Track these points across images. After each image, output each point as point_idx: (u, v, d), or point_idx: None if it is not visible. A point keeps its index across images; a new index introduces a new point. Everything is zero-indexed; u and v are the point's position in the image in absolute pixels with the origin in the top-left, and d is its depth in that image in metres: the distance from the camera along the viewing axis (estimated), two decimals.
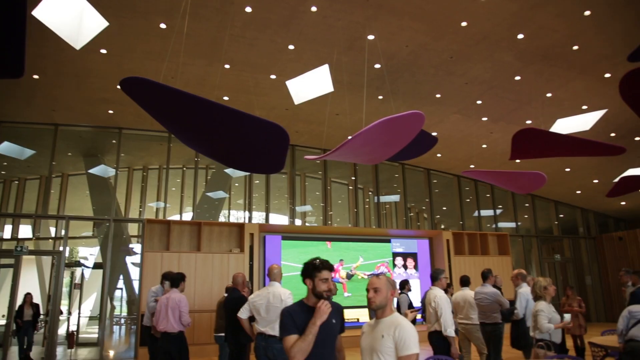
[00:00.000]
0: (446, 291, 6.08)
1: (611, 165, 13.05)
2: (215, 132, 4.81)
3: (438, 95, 9.99)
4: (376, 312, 2.79)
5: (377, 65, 8.70)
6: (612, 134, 11.29)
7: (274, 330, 4.78)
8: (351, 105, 10.03)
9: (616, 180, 10.19)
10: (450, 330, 5.33)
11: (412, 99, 10.10)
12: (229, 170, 12.37)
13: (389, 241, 13.41)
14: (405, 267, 13.28)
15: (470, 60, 8.71)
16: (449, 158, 13.76)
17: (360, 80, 8.90)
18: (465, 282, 6.97)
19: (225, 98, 10.01)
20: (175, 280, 5.95)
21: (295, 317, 2.79)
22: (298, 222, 13.33)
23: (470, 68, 8.96)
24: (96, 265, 12.72)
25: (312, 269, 2.87)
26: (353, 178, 14.14)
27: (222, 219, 13.39)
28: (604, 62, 8.62)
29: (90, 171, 12.10)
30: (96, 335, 10.95)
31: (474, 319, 6.63)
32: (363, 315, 12.11)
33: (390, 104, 9.95)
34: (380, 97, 10.00)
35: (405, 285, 7.74)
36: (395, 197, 14.89)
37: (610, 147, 6.67)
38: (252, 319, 5.15)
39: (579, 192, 16.34)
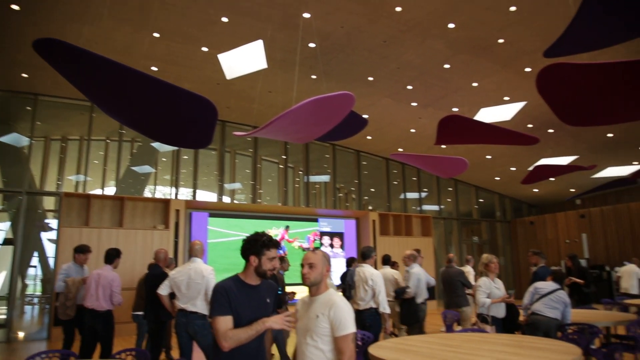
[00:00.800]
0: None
1: (527, 155, 13.90)
2: (141, 103, 4.58)
3: (370, 78, 10.11)
4: (310, 289, 2.66)
5: (312, 45, 8.64)
6: (530, 125, 12.00)
7: (195, 306, 4.73)
8: (284, 84, 9.93)
9: (530, 168, 10.88)
10: (387, 308, 5.50)
11: (345, 81, 10.16)
12: (156, 144, 11.91)
13: (316, 220, 13.56)
14: (331, 246, 13.52)
15: (402, 46, 8.86)
16: (378, 141, 14.05)
17: (294, 59, 8.82)
18: (386, 260, 7.23)
19: (154, 68, 9.57)
20: (109, 256, 5.68)
21: (231, 295, 2.52)
22: (226, 199, 13.14)
23: (402, 53, 9.12)
24: (6, 242, 11.86)
25: (261, 246, 2.61)
26: (284, 157, 14.10)
27: (147, 194, 12.92)
28: (525, 56, 9.08)
29: (1, 139, 11.19)
30: (4, 317, 10.28)
31: (393, 295, 6.91)
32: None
33: (323, 84, 9.96)
34: (314, 77, 9.98)
35: (352, 262, 7.90)
36: (325, 177, 15.04)
37: (526, 137, 7.06)
38: (172, 295, 5.05)
39: (497, 178, 17.30)
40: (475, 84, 10.24)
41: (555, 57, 4.89)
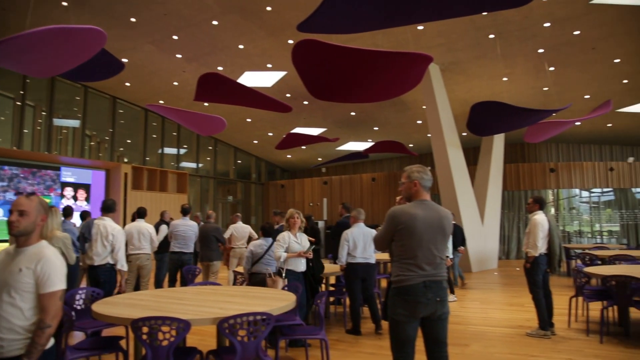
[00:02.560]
0: None
1: (284, 122, 14.89)
2: None
3: (133, 20, 9.31)
4: (18, 239, 2.31)
5: None
6: (288, 95, 12.80)
7: None
8: (23, 3, 8.39)
9: (284, 136, 11.69)
10: (125, 265, 5.20)
11: (103, 16, 9.12)
12: None
13: (58, 169, 12.09)
14: (75, 198, 12.28)
15: None
16: (138, 89, 13.16)
17: None
18: (141, 214, 6.93)
19: None
20: None
21: None
22: None
23: None
24: None
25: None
26: (21, 92, 12.05)
27: None
28: (289, 29, 9.55)
29: None
30: None
31: (146, 248, 6.69)
32: None
33: (74, 16, 8.75)
34: (65, 4, 8.67)
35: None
36: (74, 122, 13.44)
37: (281, 104, 7.53)
38: None
39: (256, 142, 18.12)
40: (241, 46, 10.37)
41: (309, 32, 5.27)
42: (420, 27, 9.24)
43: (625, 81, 11.61)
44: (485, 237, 12.59)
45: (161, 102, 13.63)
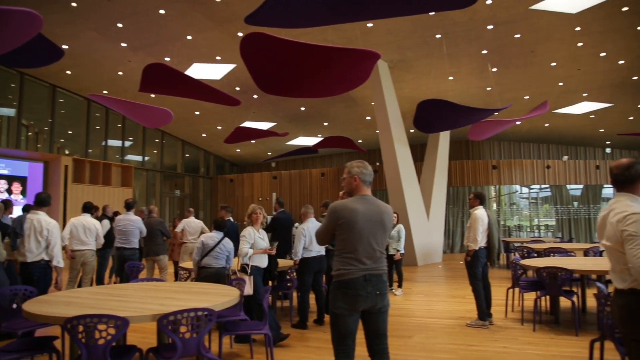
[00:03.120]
0: None
1: (233, 116, 14.68)
2: None
3: (74, 4, 8.89)
4: None
5: None
6: (237, 88, 12.63)
7: None
8: None
9: (233, 129, 11.54)
10: (61, 261, 4.95)
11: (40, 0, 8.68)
12: None
13: None
14: (9, 192, 11.64)
15: None
16: (80, 78, 12.60)
17: None
18: (87, 208, 6.68)
19: None
20: None
21: None
22: None
23: None
24: None
25: None
26: None
27: None
28: (238, 21, 9.40)
29: None
30: None
31: (91, 244, 6.45)
32: None
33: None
34: None
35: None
36: (8, 111, 12.71)
37: (229, 97, 7.43)
38: None
39: (204, 135, 17.79)
40: (189, 37, 10.14)
41: (257, 25, 5.22)
42: (369, 25, 9.35)
43: (560, 84, 12.23)
44: (430, 232, 12.95)
45: (105, 92, 13.12)
